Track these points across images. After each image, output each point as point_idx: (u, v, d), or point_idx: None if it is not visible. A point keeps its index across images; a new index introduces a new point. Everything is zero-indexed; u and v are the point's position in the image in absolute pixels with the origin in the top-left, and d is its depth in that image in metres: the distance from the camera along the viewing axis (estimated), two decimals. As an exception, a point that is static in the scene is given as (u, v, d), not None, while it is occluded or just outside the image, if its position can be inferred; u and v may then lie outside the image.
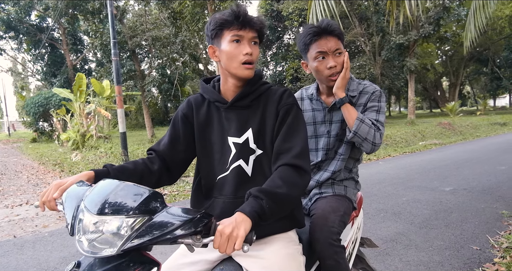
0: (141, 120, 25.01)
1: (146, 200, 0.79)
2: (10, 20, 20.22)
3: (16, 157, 11.33)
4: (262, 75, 1.14)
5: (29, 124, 17.66)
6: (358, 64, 18.70)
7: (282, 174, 0.95)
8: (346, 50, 1.47)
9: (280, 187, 0.91)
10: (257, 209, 0.84)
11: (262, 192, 0.88)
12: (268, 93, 1.09)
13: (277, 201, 0.89)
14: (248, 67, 1.03)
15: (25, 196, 5.28)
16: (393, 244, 2.79)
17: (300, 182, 0.96)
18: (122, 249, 0.73)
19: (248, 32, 1.02)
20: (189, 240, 0.78)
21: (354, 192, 1.50)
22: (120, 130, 6.34)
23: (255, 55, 1.04)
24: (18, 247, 3.15)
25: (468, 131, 13.13)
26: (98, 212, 0.75)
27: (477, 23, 4.59)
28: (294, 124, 1.03)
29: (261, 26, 1.04)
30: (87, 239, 0.75)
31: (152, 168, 1.10)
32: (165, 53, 15.29)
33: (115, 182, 0.83)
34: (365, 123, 1.33)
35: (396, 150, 9.00)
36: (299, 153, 0.98)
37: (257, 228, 0.84)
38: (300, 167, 0.97)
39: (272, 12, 22.73)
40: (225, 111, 1.10)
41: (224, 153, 1.10)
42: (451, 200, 3.98)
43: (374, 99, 1.41)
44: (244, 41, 1.03)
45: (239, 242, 0.78)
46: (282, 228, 1.08)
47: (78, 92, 10.64)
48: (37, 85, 32.51)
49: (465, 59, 26.06)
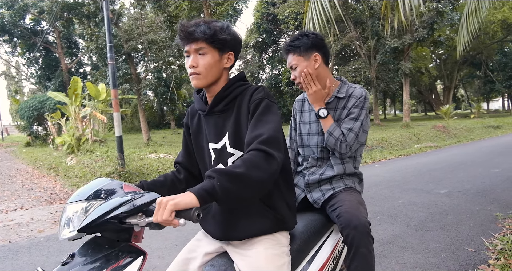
0: (137, 123, 24.91)
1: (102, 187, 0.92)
2: (4, 24, 20.10)
3: (10, 161, 11.22)
4: (241, 77, 1.15)
5: (23, 129, 17.49)
6: (354, 67, 18.86)
7: (245, 157, 0.94)
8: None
9: (238, 167, 0.90)
10: (206, 187, 0.85)
11: (215, 171, 0.88)
12: (244, 93, 1.11)
13: (231, 180, 0.87)
14: (192, 78, 1.09)
15: (19, 200, 5.23)
16: (389, 246, 2.81)
17: (264, 164, 0.92)
18: (79, 227, 0.84)
19: (191, 45, 1.07)
20: (134, 220, 0.85)
21: (360, 189, 1.60)
22: (116, 134, 6.31)
23: (201, 65, 1.07)
24: (14, 252, 3.12)
25: (462, 134, 13.26)
26: (68, 201, 0.91)
27: (470, 28, 4.66)
28: (262, 115, 1.03)
29: (204, 36, 1.04)
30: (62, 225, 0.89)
31: (179, 177, 1.23)
32: (161, 56, 15.29)
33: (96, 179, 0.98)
34: (332, 136, 1.48)
35: (392, 152, 9.07)
36: (266, 139, 0.96)
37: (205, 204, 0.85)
38: (265, 151, 0.94)
39: (268, 16, 22.89)
40: (205, 118, 1.16)
41: (208, 158, 1.17)
42: (446, 202, 4.01)
43: (358, 105, 1.51)
44: (191, 54, 1.08)
45: (167, 209, 0.79)
46: (267, 229, 1.11)
47: (73, 96, 10.59)
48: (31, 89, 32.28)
49: (459, 63, 26.41)
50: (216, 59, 1.08)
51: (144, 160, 7.78)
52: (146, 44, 14.66)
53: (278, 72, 26.16)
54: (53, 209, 4.62)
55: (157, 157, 8.42)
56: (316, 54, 1.53)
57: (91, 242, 0.90)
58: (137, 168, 6.68)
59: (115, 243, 0.89)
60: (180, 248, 1.23)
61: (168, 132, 22.29)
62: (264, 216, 1.09)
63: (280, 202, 1.13)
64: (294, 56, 1.54)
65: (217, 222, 1.13)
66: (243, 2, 21.38)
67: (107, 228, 0.86)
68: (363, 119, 1.49)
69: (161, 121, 29.03)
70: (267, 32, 23.90)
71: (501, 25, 21.46)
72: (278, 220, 1.11)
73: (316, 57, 1.53)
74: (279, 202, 1.12)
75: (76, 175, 6.77)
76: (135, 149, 10.67)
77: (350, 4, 18.01)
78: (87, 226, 0.84)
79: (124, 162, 6.35)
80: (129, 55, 15.26)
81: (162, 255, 2.83)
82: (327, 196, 1.51)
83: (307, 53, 1.52)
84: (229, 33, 1.09)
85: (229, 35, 1.09)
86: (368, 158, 8.13)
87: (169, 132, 22.11)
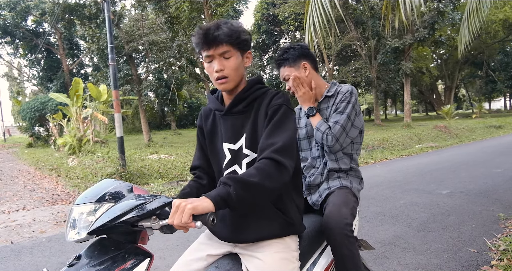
0: (138, 124, 24.94)
1: (111, 190, 0.91)
2: (6, 25, 20.19)
3: (12, 162, 11.25)
4: (260, 80, 1.16)
5: (25, 129, 17.54)
6: (354, 68, 18.86)
7: (258, 165, 0.96)
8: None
9: (253, 176, 0.92)
10: (222, 194, 0.87)
11: (231, 179, 0.90)
12: (263, 97, 1.11)
13: (246, 189, 0.89)
14: (221, 82, 1.07)
15: (21, 201, 5.24)
16: (391, 247, 2.80)
17: (277, 175, 0.95)
18: (88, 231, 0.85)
19: (216, 49, 1.04)
20: (148, 223, 0.86)
21: (358, 188, 1.62)
22: (117, 135, 6.32)
23: (228, 68, 1.06)
24: (16, 253, 3.13)
25: (464, 134, 13.23)
26: (75, 203, 0.90)
27: (471, 28, 4.64)
28: (279, 122, 1.03)
29: (228, 39, 1.03)
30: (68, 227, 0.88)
31: (203, 183, 1.22)
32: (162, 57, 15.32)
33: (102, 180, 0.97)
34: (319, 130, 1.57)
35: (393, 153, 9.05)
36: (280, 148, 0.98)
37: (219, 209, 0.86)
38: (279, 161, 0.96)
39: (269, 16, 22.92)
40: (222, 118, 1.16)
41: (222, 158, 1.16)
42: (448, 203, 4.00)
43: (344, 100, 1.57)
44: (215, 58, 1.06)
45: (186, 213, 0.81)
46: (277, 233, 1.10)
47: (74, 97, 10.61)
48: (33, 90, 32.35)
49: (460, 62, 26.35)
50: (240, 60, 1.09)
51: (145, 161, 7.79)
52: (147, 45, 14.68)
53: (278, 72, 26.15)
54: (55, 210, 4.63)
55: (158, 158, 8.43)
56: (305, 63, 1.62)
57: (97, 244, 0.90)
58: (138, 169, 6.68)
59: (121, 244, 0.90)
60: (181, 249, 1.24)
61: (169, 133, 22.31)
62: (275, 219, 1.09)
63: (290, 205, 1.13)
64: (285, 68, 1.64)
65: (226, 224, 1.12)
66: (243, 3, 21.42)
67: (117, 230, 0.87)
68: (349, 112, 1.53)
69: (162, 122, 29.04)
70: (268, 33, 23.93)
71: (502, 24, 21.41)
72: (288, 223, 1.11)
73: (305, 65, 1.62)
74: (289, 205, 1.12)
75: (77, 176, 6.78)
76: (136, 150, 10.68)
77: (351, 5, 18.00)
78: (98, 229, 0.84)
79: (125, 162, 6.36)
80: (130, 56, 15.29)
81: (163, 256, 2.83)
82: (324, 196, 1.55)
83: (296, 63, 1.62)
84: (248, 33, 1.10)
85: (248, 34, 1.09)
86: (369, 158, 8.12)
87: (170, 133, 22.13)
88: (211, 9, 13.37)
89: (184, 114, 28.51)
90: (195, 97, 29.88)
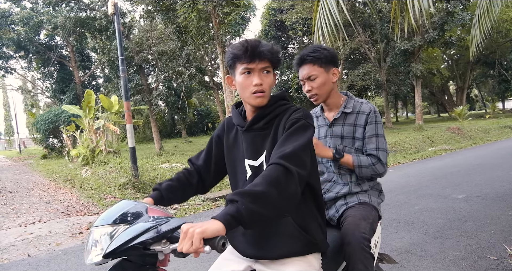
0: (149, 133, 25.26)
1: (128, 211, 0.91)
2: (20, 40, 20.84)
3: (28, 174, 11.51)
4: (282, 96, 1.16)
5: (40, 141, 17.95)
6: (363, 71, 18.72)
7: (265, 172, 0.93)
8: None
9: (258, 185, 0.89)
10: (231, 212, 0.83)
11: (236, 194, 0.86)
12: (284, 113, 1.11)
13: (254, 201, 0.85)
14: (258, 96, 1.09)
15: (37, 213, 5.34)
16: (408, 255, 2.74)
17: (283, 180, 0.91)
18: (104, 254, 0.84)
19: (258, 64, 1.07)
20: (159, 246, 0.84)
21: (378, 201, 1.58)
22: (129, 145, 6.41)
23: (266, 83, 1.09)
24: (33, 266, 3.17)
25: (478, 136, 12.92)
26: (94, 225, 0.90)
27: (482, 28, 4.58)
28: (293, 133, 1.03)
29: (271, 56, 1.08)
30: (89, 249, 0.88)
31: (192, 182, 1.26)
32: (171, 66, 15.55)
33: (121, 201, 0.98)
34: (363, 167, 1.49)
35: (405, 156, 8.90)
36: (288, 154, 0.95)
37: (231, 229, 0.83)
38: (285, 166, 0.92)
39: (276, 22, 23.06)
40: (243, 134, 1.16)
41: (243, 173, 1.17)
42: (464, 208, 3.90)
43: (372, 122, 1.52)
44: (254, 72, 1.09)
45: (196, 238, 0.78)
46: (299, 251, 1.08)
47: (87, 109, 10.83)
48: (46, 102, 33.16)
49: (472, 62, 25.87)
50: (274, 78, 1.13)
51: (157, 170, 7.86)
52: (157, 55, 14.94)
53: (287, 78, 26.20)
54: (70, 222, 4.70)
55: (170, 167, 8.50)
56: (335, 69, 1.55)
57: (118, 266, 0.90)
58: (150, 178, 6.75)
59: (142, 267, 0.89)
60: (195, 260, 1.26)
61: (179, 141, 22.50)
62: (297, 237, 1.07)
63: (313, 224, 1.11)
64: (314, 67, 1.51)
65: (248, 240, 1.12)
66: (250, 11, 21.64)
67: (132, 253, 0.86)
68: (382, 133, 1.52)
69: (173, 130, 29.33)
70: (275, 39, 24.04)
71: (513, 23, 20.98)
72: (311, 242, 1.09)
73: (335, 72, 1.55)
74: (312, 223, 1.11)
75: (91, 187, 6.88)
76: (148, 159, 10.80)
77: (358, 8, 17.97)
78: (112, 252, 0.83)
79: (137, 172, 6.44)
80: (140, 67, 15.58)
81: (178, 268, 2.83)
82: (341, 212, 1.51)
83: (327, 66, 1.53)
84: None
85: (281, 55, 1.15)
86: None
87: (181, 141, 22.31)
88: (219, 18, 13.54)
89: (194, 122, 28.77)
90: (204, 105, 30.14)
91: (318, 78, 1.52)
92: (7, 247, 3.79)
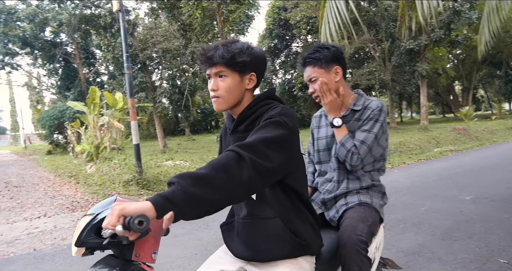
0: (153, 131, 25.30)
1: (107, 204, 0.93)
2: (26, 37, 20.95)
3: (33, 169, 11.57)
4: (268, 95, 1.12)
5: (45, 137, 18.06)
6: (368, 70, 18.61)
7: (215, 159, 0.88)
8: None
9: (203, 169, 0.84)
10: (164, 193, 0.78)
11: (176, 176, 0.81)
12: (266, 114, 1.05)
13: (193, 183, 0.79)
14: (214, 101, 1.09)
15: (43, 208, 5.37)
16: (415, 257, 2.71)
17: (233, 165, 0.84)
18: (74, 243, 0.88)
19: (212, 69, 1.07)
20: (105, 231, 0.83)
21: (380, 203, 1.52)
22: (134, 142, 6.41)
23: (222, 88, 1.07)
24: (39, 260, 3.19)
25: (484, 137, 12.80)
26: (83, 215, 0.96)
27: (491, 27, 4.51)
28: (261, 127, 0.98)
29: (223, 60, 1.04)
30: None
31: None
32: (175, 64, 15.55)
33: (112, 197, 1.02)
34: (344, 147, 1.45)
35: (410, 157, 8.83)
36: (245, 144, 0.90)
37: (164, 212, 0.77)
38: (237, 153, 0.87)
39: (280, 21, 22.97)
40: (231, 136, 1.16)
41: None
42: (472, 209, 3.85)
43: (372, 118, 1.46)
44: (211, 78, 1.09)
45: (113, 214, 0.75)
46: (289, 254, 1.06)
47: (91, 105, 10.87)
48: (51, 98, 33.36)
49: (478, 62, 25.60)
50: (236, 81, 1.07)
51: (161, 167, 7.87)
52: (161, 52, 14.94)
53: (291, 77, 26.13)
54: (75, 217, 4.72)
55: (174, 164, 8.50)
56: (337, 67, 1.50)
57: (102, 261, 0.89)
58: (154, 175, 6.75)
59: (126, 264, 0.87)
60: (199, 257, 1.26)
61: (183, 139, 22.53)
62: (287, 240, 1.04)
63: (303, 225, 1.08)
64: (314, 69, 1.50)
65: (241, 241, 1.11)
66: (255, 9, 21.56)
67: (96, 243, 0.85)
68: (377, 132, 1.44)
69: (176, 128, 29.38)
70: (279, 37, 23.97)
71: (521, 22, 20.71)
72: (301, 245, 1.06)
73: (337, 70, 1.50)
74: (301, 224, 1.07)
75: (95, 183, 6.90)
76: (151, 156, 10.82)
77: (363, 7, 17.84)
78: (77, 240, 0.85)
79: (141, 169, 6.44)
80: (144, 64, 15.58)
81: (182, 265, 2.82)
82: (341, 212, 1.47)
83: (328, 66, 1.49)
84: (249, 54, 1.06)
85: (249, 56, 1.06)
86: (387, 163, 7.93)
87: (184, 139, 22.35)
88: (223, 16, 13.51)
89: (197, 120, 28.77)
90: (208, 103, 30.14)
91: (318, 80, 1.49)
92: (13, 240, 3.82)
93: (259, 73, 1.12)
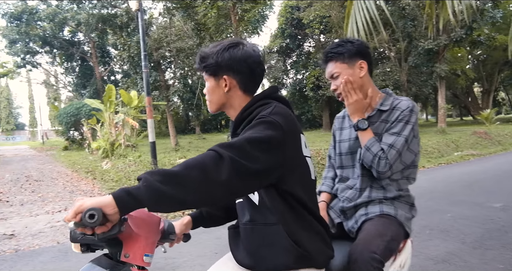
0: (164, 129, 25.53)
1: None
2: (46, 36, 21.47)
3: (51, 164, 11.80)
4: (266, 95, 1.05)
5: (61, 133, 18.44)
6: (382, 71, 18.24)
7: (192, 157, 0.83)
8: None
9: (177, 166, 0.79)
10: (129, 188, 0.74)
11: (146, 173, 0.78)
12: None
13: (163, 180, 0.75)
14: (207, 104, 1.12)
15: (63, 202, 5.45)
16: (445, 265, 2.57)
17: (210, 163, 0.79)
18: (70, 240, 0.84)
19: (202, 73, 1.10)
20: None
21: (407, 216, 1.34)
22: (150, 140, 6.43)
23: (207, 91, 1.09)
24: (63, 253, 3.23)
25: (507, 141, 12.34)
26: None
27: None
28: (250, 128, 0.92)
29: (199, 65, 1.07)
30: None
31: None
32: (188, 63, 15.60)
33: None
34: (370, 151, 1.30)
35: (430, 161, 8.58)
36: (227, 143, 0.84)
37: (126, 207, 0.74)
38: (217, 152, 0.81)
39: (293, 20, 22.77)
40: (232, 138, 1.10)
41: None
42: (503, 217, 3.66)
43: (402, 119, 1.32)
44: None
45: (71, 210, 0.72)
46: (290, 265, 0.96)
47: (108, 103, 11.00)
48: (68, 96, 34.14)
49: (500, 64, 24.79)
50: (212, 85, 1.07)
51: (174, 165, 7.86)
52: (175, 52, 15.02)
53: (302, 77, 25.88)
54: (92, 213, 4.75)
55: (188, 163, 8.50)
56: (362, 62, 1.38)
57: (95, 260, 0.87)
58: (169, 174, 6.75)
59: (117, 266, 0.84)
60: (219, 256, 1.18)
61: (193, 137, 22.67)
62: (290, 251, 0.95)
63: (307, 234, 0.98)
64: (336, 64, 1.38)
65: (244, 248, 1.04)
66: (268, 8, 21.47)
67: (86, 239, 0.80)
68: (407, 135, 1.28)
69: (187, 126, 29.59)
70: (291, 37, 23.76)
71: (546, 23, 19.94)
72: (303, 256, 0.96)
73: (362, 65, 1.38)
74: (305, 235, 0.97)
75: (112, 179, 6.96)
76: (165, 154, 10.87)
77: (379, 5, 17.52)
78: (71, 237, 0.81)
79: (157, 166, 6.45)
80: (158, 63, 15.70)
81: (203, 263, 2.77)
82: (360, 223, 1.33)
83: (351, 61, 1.37)
84: (220, 56, 1.01)
85: (219, 57, 1.01)
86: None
87: (195, 137, 22.48)
88: (238, 15, 13.47)
89: (208, 119, 28.89)
90: (220, 102, 30.27)
91: (340, 75, 1.38)
92: (37, 233, 3.89)
93: (239, 75, 1.03)
